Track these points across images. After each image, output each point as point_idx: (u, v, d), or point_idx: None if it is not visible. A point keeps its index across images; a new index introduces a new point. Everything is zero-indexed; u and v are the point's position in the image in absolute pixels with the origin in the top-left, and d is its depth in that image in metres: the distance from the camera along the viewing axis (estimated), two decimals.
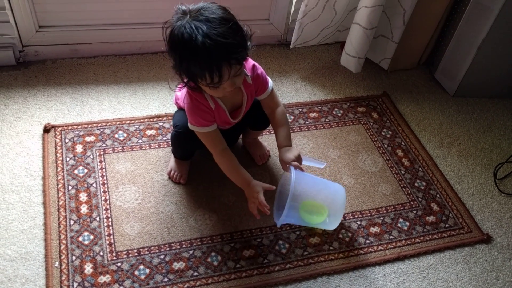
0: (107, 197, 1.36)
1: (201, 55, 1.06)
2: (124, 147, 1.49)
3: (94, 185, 1.38)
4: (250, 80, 1.27)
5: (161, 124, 1.57)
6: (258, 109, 1.36)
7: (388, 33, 1.79)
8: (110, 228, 1.29)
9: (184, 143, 1.35)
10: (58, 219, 1.29)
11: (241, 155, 1.53)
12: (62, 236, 1.25)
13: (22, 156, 1.42)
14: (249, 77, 1.26)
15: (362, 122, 1.71)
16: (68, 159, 1.43)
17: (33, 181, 1.37)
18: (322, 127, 1.67)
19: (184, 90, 1.25)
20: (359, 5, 1.69)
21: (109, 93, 1.66)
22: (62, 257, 1.22)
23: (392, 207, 1.46)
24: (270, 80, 1.32)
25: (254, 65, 1.28)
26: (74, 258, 1.22)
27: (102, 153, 1.46)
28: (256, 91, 1.30)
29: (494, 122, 1.82)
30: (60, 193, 1.34)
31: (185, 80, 1.16)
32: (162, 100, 1.66)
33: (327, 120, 1.70)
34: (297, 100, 1.76)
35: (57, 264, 1.20)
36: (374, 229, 1.40)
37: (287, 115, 1.68)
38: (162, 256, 1.26)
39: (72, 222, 1.29)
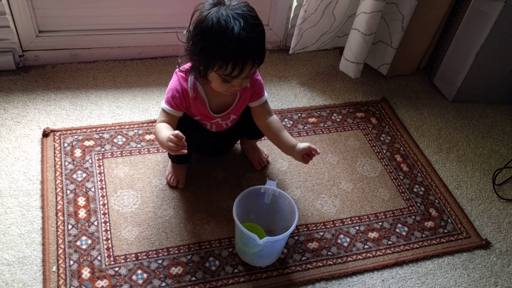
0: (106, 202, 1.35)
1: (233, 44, 1.07)
2: (123, 152, 1.49)
3: (93, 189, 1.38)
4: (248, 83, 1.27)
5: None
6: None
7: (387, 39, 1.80)
8: (108, 232, 1.29)
9: None
10: (56, 223, 1.29)
11: (240, 160, 1.53)
12: (60, 241, 1.25)
13: (21, 160, 1.42)
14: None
15: (361, 128, 1.72)
16: (66, 163, 1.43)
17: (31, 186, 1.37)
18: (321, 132, 1.67)
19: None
20: (358, 11, 1.69)
21: (109, 97, 1.67)
22: (60, 262, 1.21)
23: (390, 212, 1.46)
24: (266, 92, 1.33)
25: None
26: (71, 262, 1.22)
27: (101, 157, 1.46)
28: (251, 96, 1.31)
29: (492, 128, 1.83)
30: (59, 198, 1.34)
31: (196, 65, 1.17)
32: None
33: (326, 125, 1.70)
34: (296, 105, 1.76)
35: (54, 268, 1.20)
36: (372, 235, 1.39)
37: (286, 120, 1.69)
38: (160, 261, 1.25)
39: (70, 227, 1.29)
